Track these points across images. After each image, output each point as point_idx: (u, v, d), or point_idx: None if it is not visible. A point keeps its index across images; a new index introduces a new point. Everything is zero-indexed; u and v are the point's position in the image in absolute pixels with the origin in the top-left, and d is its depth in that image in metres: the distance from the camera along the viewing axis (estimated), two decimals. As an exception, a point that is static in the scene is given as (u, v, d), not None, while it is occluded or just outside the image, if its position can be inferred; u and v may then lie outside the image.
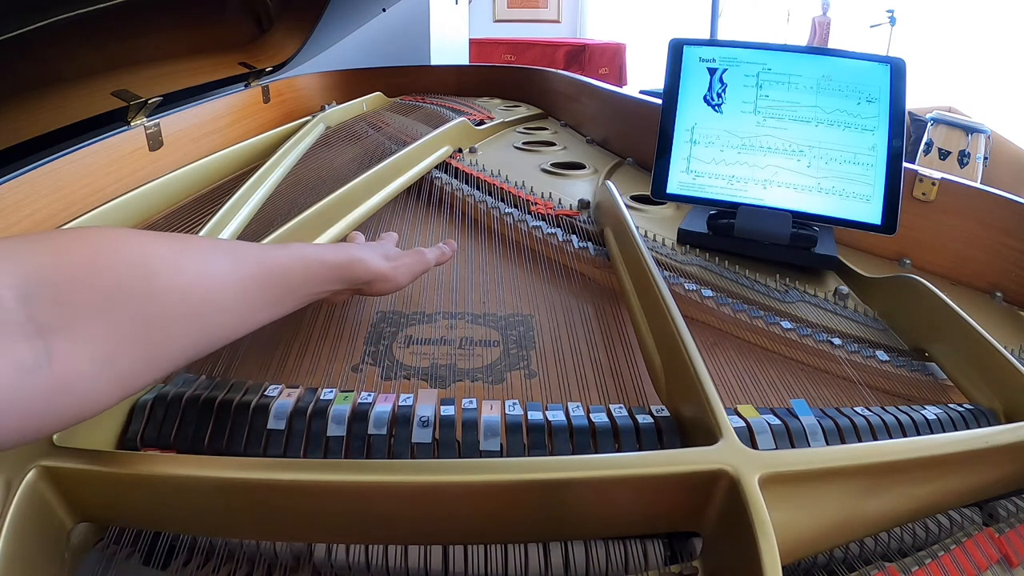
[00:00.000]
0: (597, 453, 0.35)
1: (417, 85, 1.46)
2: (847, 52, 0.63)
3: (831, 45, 4.33)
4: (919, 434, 0.39)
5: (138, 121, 0.77)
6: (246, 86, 1.07)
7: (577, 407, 0.38)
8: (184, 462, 0.30)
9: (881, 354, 0.51)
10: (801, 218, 0.65)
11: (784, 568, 0.26)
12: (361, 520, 0.31)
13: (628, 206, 0.66)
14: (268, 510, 0.31)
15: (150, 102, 0.78)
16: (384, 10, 1.31)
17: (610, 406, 0.38)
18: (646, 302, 0.50)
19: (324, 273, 0.41)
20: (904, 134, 0.61)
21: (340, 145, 0.96)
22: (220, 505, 0.31)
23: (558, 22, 4.68)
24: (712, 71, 0.67)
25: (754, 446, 0.35)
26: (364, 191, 0.69)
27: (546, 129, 1.20)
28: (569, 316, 0.55)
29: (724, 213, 0.67)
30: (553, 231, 0.66)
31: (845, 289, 0.61)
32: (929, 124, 2.75)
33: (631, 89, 1.31)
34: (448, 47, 2.39)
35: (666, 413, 0.38)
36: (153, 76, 0.83)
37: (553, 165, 0.92)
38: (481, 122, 1.10)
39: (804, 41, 4.68)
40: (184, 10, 0.89)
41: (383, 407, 0.36)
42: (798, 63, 0.64)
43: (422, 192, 0.79)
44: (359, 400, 0.37)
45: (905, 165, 0.63)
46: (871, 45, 3.71)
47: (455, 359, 0.48)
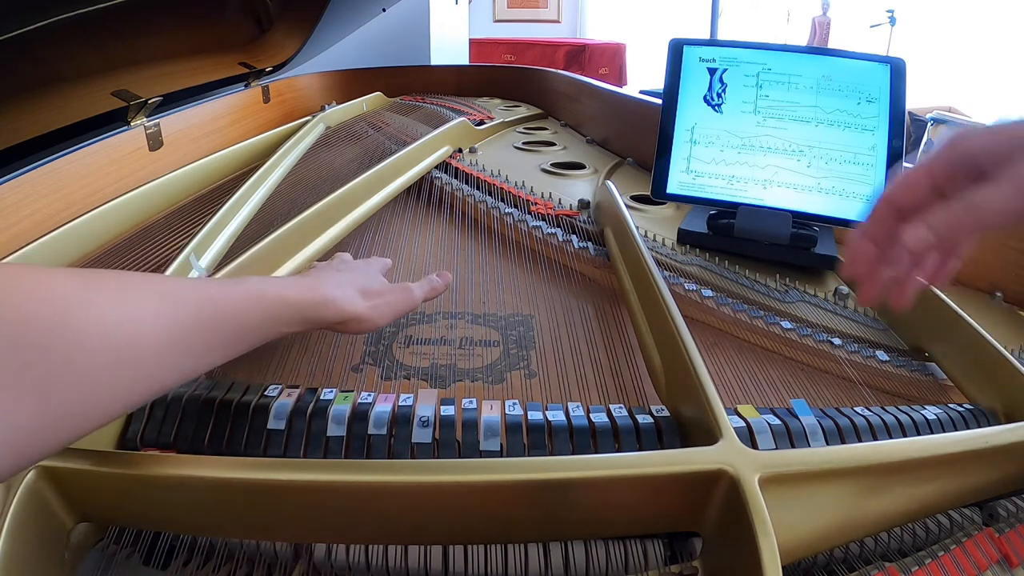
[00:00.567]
0: (597, 453, 0.35)
1: (417, 85, 1.46)
2: (847, 52, 0.63)
3: (831, 45, 4.33)
4: (919, 434, 0.39)
5: (138, 121, 0.77)
6: (246, 86, 1.07)
7: (577, 407, 0.38)
8: (184, 462, 0.30)
9: (881, 354, 0.51)
10: (801, 218, 0.65)
11: (784, 568, 0.26)
12: (361, 520, 0.31)
13: (628, 206, 0.66)
14: (268, 510, 0.30)
15: (150, 102, 0.78)
16: (384, 10, 1.32)
17: (610, 406, 0.38)
18: (646, 302, 0.50)
19: (286, 313, 0.35)
20: (904, 134, 0.61)
21: (340, 145, 0.96)
22: (220, 505, 0.30)
23: (558, 22, 4.68)
24: (712, 71, 0.67)
25: (754, 446, 0.35)
26: (364, 191, 0.69)
27: (546, 129, 1.20)
28: (569, 316, 0.55)
29: (724, 213, 0.67)
30: (553, 231, 0.66)
31: (845, 289, 0.61)
32: (929, 124, 2.76)
33: (631, 89, 1.31)
34: (448, 47, 2.39)
35: (666, 413, 0.38)
36: (153, 76, 0.83)
37: (553, 165, 0.92)
38: (481, 122, 1.10)
39: (804, 41, 4.68)
40: (184, 10, 0.89)
41: (383, 407, 0.36)
42: (798, 63, 0.64)
43: (422, 192, 0.79)
44: (359, 400, 0.37)
45: (905, 165, 0.63)
46: (871, 45, 3.72)
47: (455, 359, 0.48)
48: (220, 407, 0.37)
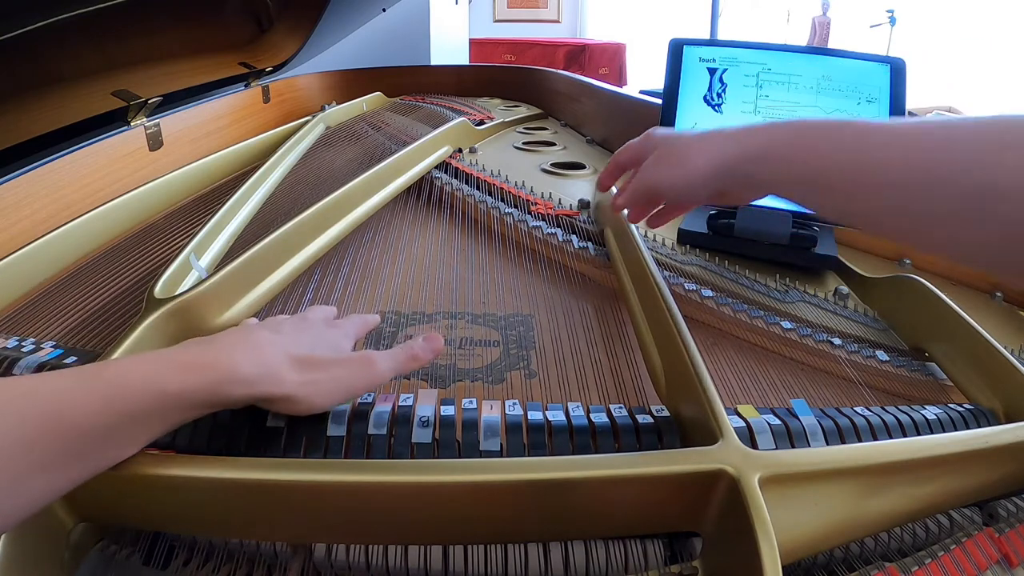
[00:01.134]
0: (597, 453, 0.35)
1: (417, 85, 1.46)
2: (847, 52, 0.63)
3: (831, 45, 4.33)
4: (919, 434, 0.39)
5: (138, 121, 0.77)
6: (246, 86, 1.07)
7: (577, 407, 0.38)
8: (184, 462, 0.30)
9: (881, 354, 0.51)
10: (801, 218, 0.65)
11: (784, 568, 0.26)
12: (361, 520, 0.31)
13: (628, 206, 0.66)
14: (268, 510, 0.30)
15: (150, 102, 0.78)
16: (384, 10, 1.32)
17: (610, 406, 0.38)
18: (646, 302, 0.50)
19: (168, 404, 0.28)
20: (904, 134, 0.61)
21: (340, 145, 0.96)
22: (220, 505, 0.30)
23: (558, 22, 4.68)
24: (712, 71, 0.67)
25: (754, 446, 0.35)
26: (364, 191, 0.69)
27: (546, 129, 1.20)
28: (569, 316, 0.55)
29: (724, 213, 0.67)
30: (553, 231, 0.66)
31: (845, 289, 0.61)
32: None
33: (631, 89, 1.31)
34: (448, 47, 2.39)
35: (666, 413, 0.38)
36: (153, 76, 0.83)
37: (553, 165, 0.92)
38: (481, 122, 1.10)
39: (804, 41, 4.69)
40: (184, 10, 0.89)
41: (383, 407, 0.36)
42: (798, 63, 0.64)
43: (422, 192, 0.79)
44: (359, 400, 0.37)
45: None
46: (871, 45, 3.72)
47: (455, 359, 0.48)
48: (220, 407, 0.37)
